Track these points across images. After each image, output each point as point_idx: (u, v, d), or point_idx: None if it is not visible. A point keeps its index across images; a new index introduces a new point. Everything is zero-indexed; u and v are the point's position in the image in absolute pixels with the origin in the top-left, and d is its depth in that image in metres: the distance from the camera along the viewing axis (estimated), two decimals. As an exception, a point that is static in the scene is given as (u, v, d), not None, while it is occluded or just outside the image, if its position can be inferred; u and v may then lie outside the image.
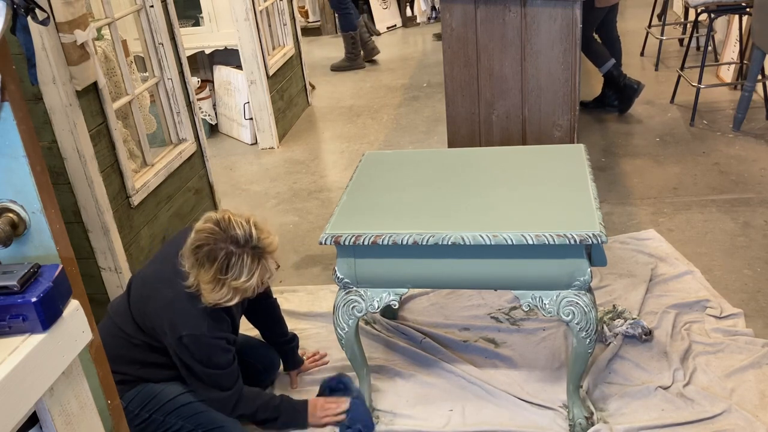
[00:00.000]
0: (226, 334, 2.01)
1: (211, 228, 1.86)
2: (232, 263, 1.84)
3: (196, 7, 4.93)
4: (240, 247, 1.84)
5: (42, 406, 1.09)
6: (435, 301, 2.77)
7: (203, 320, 1.93)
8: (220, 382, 2.02)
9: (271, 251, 1.91)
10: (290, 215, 3.68)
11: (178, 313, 1.94)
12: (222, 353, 1.99)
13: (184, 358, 1.97)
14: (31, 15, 1.07)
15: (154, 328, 1.98)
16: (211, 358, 1.98)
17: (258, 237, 1.87)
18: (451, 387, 2.31)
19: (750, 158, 3.69)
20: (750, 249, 2.90)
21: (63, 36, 2.30)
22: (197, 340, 1.94)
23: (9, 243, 1.15)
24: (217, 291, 1.86)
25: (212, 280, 1.85)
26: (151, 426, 2.05)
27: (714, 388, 2.18)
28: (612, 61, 4.32)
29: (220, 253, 1.83)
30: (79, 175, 2.44)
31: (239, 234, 1.84)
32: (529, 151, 2.52)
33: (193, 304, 1.93)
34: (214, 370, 1.99)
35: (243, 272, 1.85)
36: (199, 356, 1.96)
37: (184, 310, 1.93)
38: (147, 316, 1.99)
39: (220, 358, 1.99)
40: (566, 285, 1.88)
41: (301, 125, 5.07)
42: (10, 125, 1.10)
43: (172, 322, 1.94)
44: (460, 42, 3.20)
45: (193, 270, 1.89)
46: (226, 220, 1.86)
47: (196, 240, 1.87)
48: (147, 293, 2.00)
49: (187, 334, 1.92)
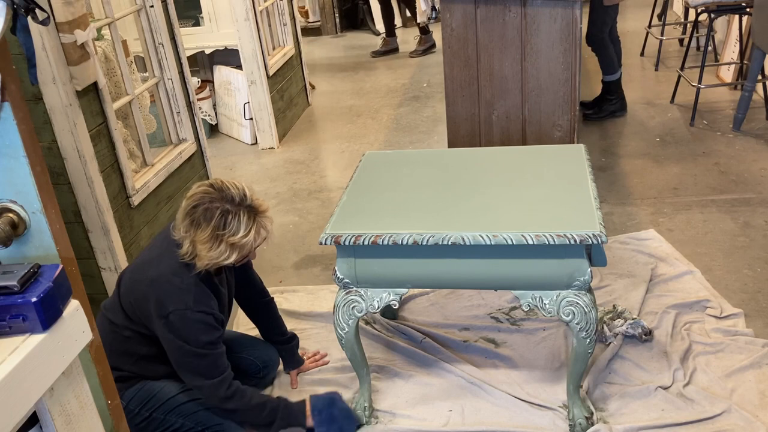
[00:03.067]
0: (213, 311, 1.98)
1: (206, 189, 1.91)
2: (229, 220, 1.87)
3: (196, 7, 4.93)
4: (236, 205, 1.89)
5: (42, 406, 1.09)
6: (435, 301, 2.77)
7: (188, 294, 1.93)
8: (207, 367, 1.97)
9: (264, 210, 1.95)
10: (290, 215, 3.68)
11: (163, 290, 1.93)
12: (209, 330, 1.95)
13: (170, 339, 1.93)
14: (31, 15, 1.07)
15: (142, 314, 1.97)
16: (199, 336, 1.93)
17: (251, 197, 1.92)
18: (451, 387, 2.31)
19: (750, 158, 3.69)
20: (750, 249, 2.90)
21: (63, 36, 2.30)
22: (183, 315, 1.91)
23: (9, 243, 1.15)
24: (215, 248, 1.88)
25: (210, 238, 1.87)
26: (151, 425, 2.05)
27: (714, 388, 2.18)
28: (618, 75, 4.33)
29: (216, 212, 1.87)
30: (79, 175, 2.44)
31: (234, 193, 1.89)
32: (529, 151, 2.52)
33: (180, 277, 1.93)
34: (199, 350, 1.94)
35: (240, 228, 1.88)
36: (185, 334, 1.92)
37: (169, 285, 1.93)
38: (134, 303, 1.98)
39: (206, 336, 1.95)
40: (566, 285, 1.88)
41: (301, 125, 5.07)
42: (10, 125, 1.10)
43: (158, 300, 1.92)
44: (460, 42, 3.20)
45: (188, 233, 1.90)
46: (219, 183, 1.92)
47: (190, 202, 1.90)
48: (134, 278, 2.00)
49: (173, 310, 1.91)
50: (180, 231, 1.92)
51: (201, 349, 1.95)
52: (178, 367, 2.00)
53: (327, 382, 2.39)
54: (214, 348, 1.98)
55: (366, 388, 2.22)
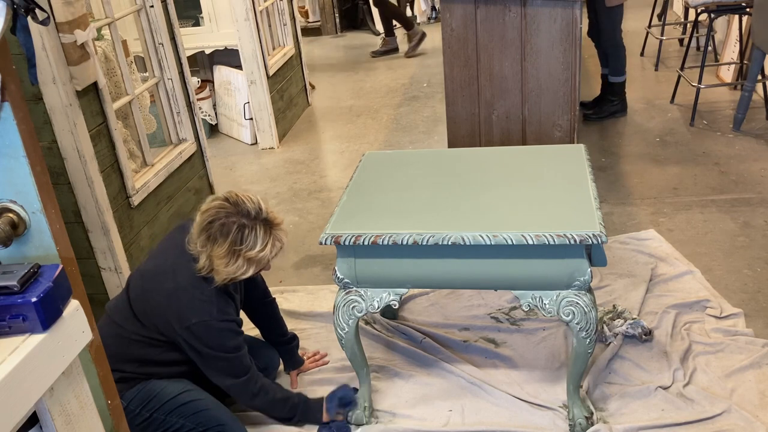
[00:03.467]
0: (234, 317, 2.04)
1: (221, 204, 1.91)
2: (246, 234, 1.88)
3: (196, 7, 4.93)
4: (252, 219, 1.90)
5: (42, 406, 1.09)
6: (435, 301, 2.77)
7: (211, 305, 1.95)
8: (234, 368, 2.03)
9: (279, 223, 1.97)
10: (290, 215, 3.68)
11: (183, 303, 1.95)
12: (233, 336, 2.01)
13: (195, 346, 1.97)
14: (31, 15, 1.07)
15: (159, 322, 1.98)
16: (224, 343, 1.99)
17: (266, 210, 1.94)
18: (451, 387, 2.31)
19: (750, 158, 3.69)
20: (750, 249, 2.90)
21: (63, 36, 2.30)
22: (207, 325, 1.95)
23: (9, 243, 1.15)
24: (233, 264, 1.90)
25: (227, 253, 1.88)
26: (152, 425, 2.05)
27: (714, 388, 2.18)
28: (624, 78, 4.34)
29: (233, 227, 1.88)
30: (79, 175, 2.44)
31: (250, 207, 1.90)
32: (529, 151, 2.52)
33: (200, 290, 1.95)
34: (226, 354, 2.00)
35: (257, 243, 1.89)
36: (210, 342, 1.97)
37: (190, 298, 1.95)
38: (150, 311, 1.99)
39: (232, 342, 2.00)
40: (566, 285, 1.88)
41: (301, 125, 5.07)
42: (10, 125, 1.10)
43: (179, 312, 1.94)
44: (460, 42, 3.20)
45: (205, 248, 1.91)
46: (234, 197, 1.93)
47: (206, 217, 1.90)
48: (148, 287, 2.01)
49: (196, 321, 1.94)
50: (196, 246, 1.93)
51: (227, 354, 2.00)
52: (207, 370, 2.04)
53: (327, 382, 2.39)
54: (239, 351, 2.03)
55: (366, 388, 2.22)
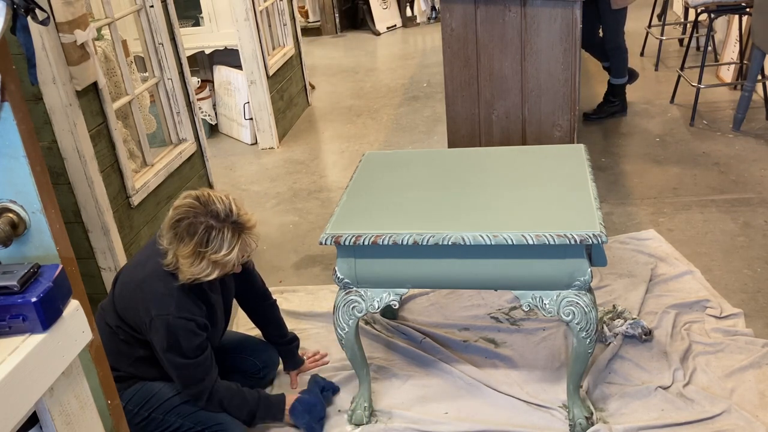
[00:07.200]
0: (195, 317, 1.95)
1: (191, 203, 1.86)
2: (212, 236, 1.83)
3: (196, 7, 4.93)
4: (220, 221, 1.84)
5: (42, 406, 1.09)
6: (435, 301, 2.77)
7: (170, 299, 1.90)
8: (192, 372, 1.97)
9: (251, 227, 1.90)
10: (290, 215, 3.68)
11: (147, 293, 1.92)
12: (191, 336, 1.93)
13: (155, 340, 1.94)
14: (31, 15, 1.07)
15: (133, 316, 1.96)
16: (180, 342, 1.92)
17: (238, 212, 1.87)
18: (451, 387, 2.31)
19: (750, 158, 3.69)
20: (750, 249, 2.90)
21: (63, 36, 2.30)
22: (165, 321, 1.90)
23: (9, 243, 1.15)
24: (197, 265, 1.85)
25: (191, 253, 1.83)
26: (150, 425, 2.05)
27: (714, 388, 2.18)
28: (625, 80, 4.35)
29: (200, 227, 1.82)
30: (79, 175, 2.44)
31: (219, 208, 1.84)
32: (529, 151, 2.52)
33: (164, 283, 1.91)
34: (183, 359, 1.93)
35: (223, 246, 1.84)
36: (168, 340, 1.91)
37: (152, 289, 1.91)
38: (125, 305, 1.98)
39: (189, 342, 1.93)
40: (566, 285, 1.88)
41: (301, 125, 5.07)
42: (10, 125, 1.10)
43: (144, 304, 1.92)
44: (460, 42, 3.20)
45: (172, 245, 1.87)
46: (205, 196, 1.87)
47: (175, 215, 1.86)
48: (124, 281, 2.00)
49: (156, 315, 1.90)
50: (164, 242, 1.90)
51: (181, 357, 1.94)
52: (166, 368, 2.01)
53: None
54: (197, 354, 1.96)
55: (366, 388, 2.22)
